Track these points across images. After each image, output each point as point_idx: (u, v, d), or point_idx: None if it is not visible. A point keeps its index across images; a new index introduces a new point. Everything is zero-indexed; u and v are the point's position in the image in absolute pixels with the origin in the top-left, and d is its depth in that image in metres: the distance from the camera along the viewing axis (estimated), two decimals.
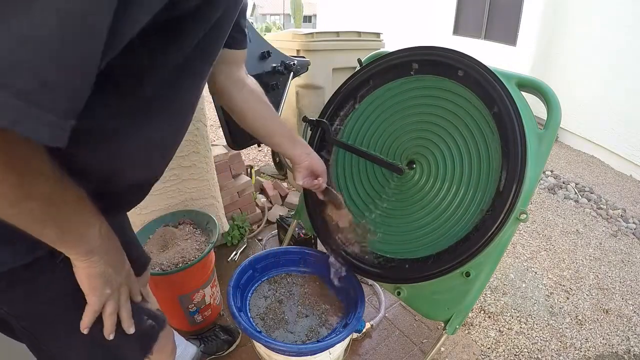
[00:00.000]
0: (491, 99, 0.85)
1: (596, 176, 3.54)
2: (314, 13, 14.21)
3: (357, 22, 7.87)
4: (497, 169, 0.84)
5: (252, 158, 3.16)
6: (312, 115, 1.15)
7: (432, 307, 0.96)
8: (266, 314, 1.03)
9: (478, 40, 5.38)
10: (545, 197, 3.00)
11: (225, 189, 1.83)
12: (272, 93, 1.48)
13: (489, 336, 1.55)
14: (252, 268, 1.10)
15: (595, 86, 3.96)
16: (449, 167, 0.93)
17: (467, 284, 0.89)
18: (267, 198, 2.26)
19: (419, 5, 6.47)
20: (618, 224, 2.66)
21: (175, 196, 1.48)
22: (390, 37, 3.04)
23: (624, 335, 1.64)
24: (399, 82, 1.02)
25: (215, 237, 1.27)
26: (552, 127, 0.85)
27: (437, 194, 0.94)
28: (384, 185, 1.04)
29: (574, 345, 1.56)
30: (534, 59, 4.52)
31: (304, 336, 0.99)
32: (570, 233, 2.48)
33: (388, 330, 1.49)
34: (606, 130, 3.87)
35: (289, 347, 0.88)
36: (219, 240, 1.85)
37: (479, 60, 0.87)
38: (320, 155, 0.98)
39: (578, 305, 1.80)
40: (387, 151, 1.04)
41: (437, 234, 0.92)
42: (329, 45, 1.97)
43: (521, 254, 2.17)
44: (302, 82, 2.00)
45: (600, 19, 3.83)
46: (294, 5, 9.29)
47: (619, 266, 2.16)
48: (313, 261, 1.16)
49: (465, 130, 0.91)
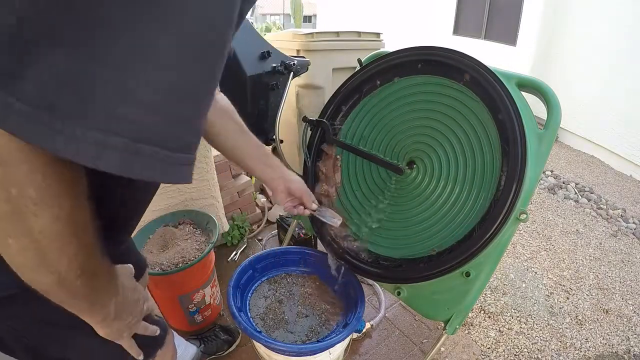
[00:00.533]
0: (491, 99, 0.85)
1: (596, 176, 3.54)
2: (314, 13, 14.21)
3: (357, 22, 7.86)
4: (497, 169, 0.84)
5: None
6: (312, 115, 1.15)
7: (432, 307, 0.96)
8: (266, 314, 1.03)
9: (478, 40, 5.38)
10: (545, 197, 3.00)
11: (225, 189, 1.83)
12: (272, 93, 1.48)
13: (489, 336, 1.55)
14: (252, 268, 1.10)
15: (595, 86, 3.95)
16: (449, 167, 0.93)
17: (467, 284, 0.89)
18: (267, 198, 2.26)
19: (419, 5, 6.47)
20: (618, 224, 2.66)
21: (175, 196, 1.48)
22: (390, 37, 3.04)
23: (624, 335, 1.64)
24: (399, 82, 1.02)
25: (215, 237, 1.27)
26: (552, 127, 0.85)
27: (437, 193, 0.94)
28: (384, 186, 1.04)
29: (574, 345, 1.56)
30: (534, 59, 4.51)
31: (304, 336, 0.99)
32: (570, 233, 2.48)
33: (388, 330, 1.49)
34: (606, 130, 3.87)
35: (289, 347, 0.88)
36: (219, 240, 1.85)
37: (479, 60, 0.87)
38: (320, 153, 0.97)
39: (578, 305, 1.80)
40: (387, 151, 1.04)
41: (437, 234, 0.92)
42: (329, 45, 1.97)
43: (521, 254, 2.17)
44: (302, 82, 2.00)
45: (600, 19, 3.82)
46: (294, 5, 9.28)
47: (619, 266, 2.16)
48: (313, 261, 1.16)
49: (465, 130, 0.91)
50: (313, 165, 1.15)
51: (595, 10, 3.88)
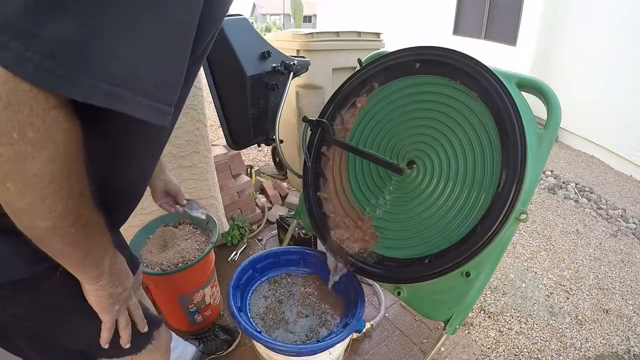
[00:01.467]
0: (491, 99, 0.85)
1: (596, 176, 3.54)
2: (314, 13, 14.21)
3: (357, 22, 7.86)
4: (497, 169, 0.84)
5: (252, 158, 3.16)
6: (312, 115, 1.15)
7: (432, 307, 0.96)
8: (266, 314, 1.03)
9: (478, 40, 5.38)
10: (545, 197, 3.00)
11: (225, 189, 1.83)
12: (272, 93, 1.48)
13: (489, 336, 1.55)
14: (252, 268, 1.10)
15: (595, 86, 3.95)
16: (449, 167, 0.93)
17: (467, 284, 0.89)
18: (267, 198, 2.26)
19: (419, 5, 6.47)
20: (618, 224, 2.66)
21: None
22: (390, 37, 3.04)
23: (624, 335, 1.64)
24: (399, 82, 1.02)
25: (215, 237, 1.27)
26: (552, 127, 0.85)
27: (437, 193, 0.94)
28: (383, 186, 1.04)
29: (574, 345, 1.56)
30: (534, 59, 4.51)
31: (304, 336, 0.99)
32: (570, 233, 2.48)
33: (388, 330, 1.49)
34: (606, 130, 3.87)
35: (289, 347, 0.88)
36: (219, 240, 1.85)
37: (479, 61, 0.87)
38: (320, 153, 0.97)
39: (578, 305, 1.80)
40: (387, 151, 1.04)
41: (437, 234, 0.92)
42: (329, 45, 1.97)
43: (521, 254, 2.17)
44: (302, 82, 2.00)
45: (600, 19, 3.82)
46: (294, 5, 9.29)
47: (619, 266, 2.16)
48: (313, 261, 1.17)
49: (465, 130, 0.91)
50: (313, 165, 1.15)
51: (595, 10, 3.88)
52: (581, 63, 4.10)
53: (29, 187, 0.36)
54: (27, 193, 0.36)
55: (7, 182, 0.35)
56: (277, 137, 1.50)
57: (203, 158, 1.49)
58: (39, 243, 0.42)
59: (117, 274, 0.56)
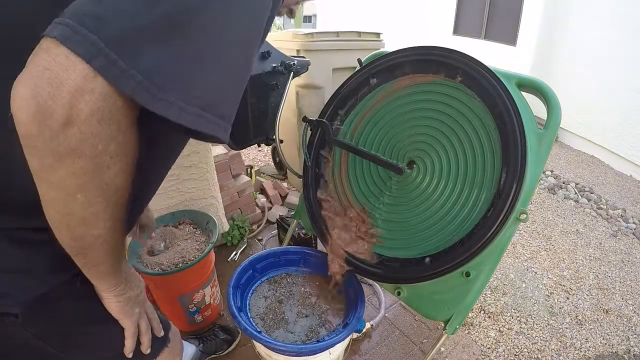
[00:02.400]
0: (491, 99, 0.85)
1: (596, 176, 3.54)
2: (314, 13, 14.20)
3: (357, 22, 7.86)
4: (497, 169, 0.84)
5: (252, 158, 3.16)
6: (312, 115, 1.15)
7: (432, 307, 0.96)
8: (266, 314, 1.03)
9: (478, 40, 5.38)
10: (545, 197, 3.00)
11: (225, 189, 1.83)
12: (272, 93, 1.48)
13: (489, 336, 1.55)
14: (252, 268, 1.10)
15: (595, 86, 3.95)
16: (449, 167, 0.93)
17: (467, 284, 0.89)
18: (267, 198, 2.26)
19: (419, 5, 6.47)
20: (618, 224, 2.66)
21: (175, 196, 1.48)
22: (390, 37, 3.04)
23: (624, 335, 1.64)
24: (399, 82, 1.02)
25: (215, 237, 1.27)
26: (552, 127, 0.85)
27: (438, 194, 0.94)
28: (383, 186, 1.04)
29: (574, 345, 1.56)
30: (534, 59, 4.51)
31: (304, 336, 0.99)
32: (570, 233, 2.48)
33: (388, 330, 1.49)
34: (606, 130, 3.87)
35: (289, 347, 0.88)
36: (219, 240, 1.85)
37: (479, 61, 0.87)
38: (319, 154, 0.97)
39: (578, 305, 1.80)
40: (387, 151, 1.04)
41: (437, 234, 0.92)
42: (329, 45, 1.97)
43: (521, 254, 2.17)
44: (302, 82, 2.00)
45: (601, 19, 3.82)
46: None
47: (619, 266, 2.16)
48: (313, 261, 1.16)
49: (465, 130, 0.90)
50: (313, 165, 1.15)
51: (595, 10, 3.88)
52: (581, 63, 4.09)
53: (100, 196, 0.38)
54: (94, 202, 0.38)
55: (78, 193, 0.37)
56: (277, 137, 1.50)
57: (203, 158, 1.49)
58: (79, 253, 0.43)
59: (131, 277, 0.57)
